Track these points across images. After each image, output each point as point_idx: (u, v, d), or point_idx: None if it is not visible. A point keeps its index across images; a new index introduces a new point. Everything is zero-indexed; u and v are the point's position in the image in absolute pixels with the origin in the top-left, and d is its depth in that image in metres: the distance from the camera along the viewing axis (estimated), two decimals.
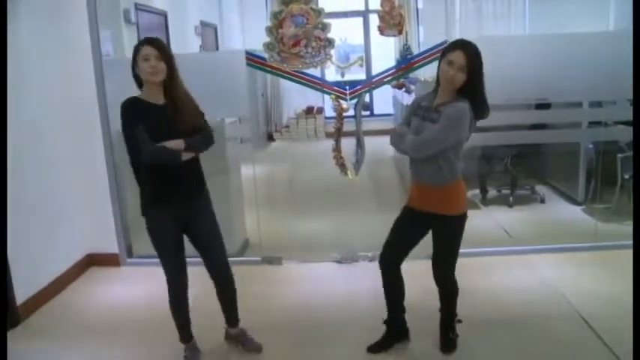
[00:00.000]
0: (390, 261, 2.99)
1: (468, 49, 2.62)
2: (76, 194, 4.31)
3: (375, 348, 3.10)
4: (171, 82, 2.68)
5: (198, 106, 2.82)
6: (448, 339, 3.05)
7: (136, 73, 2.68)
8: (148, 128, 2.61)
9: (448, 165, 2.73)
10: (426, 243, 2.97)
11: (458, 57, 2.59)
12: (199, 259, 2.96)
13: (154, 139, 2.61)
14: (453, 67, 2.60)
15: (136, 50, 2.65)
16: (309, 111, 10.66)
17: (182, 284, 2.92)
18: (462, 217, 2.86)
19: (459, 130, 2.68)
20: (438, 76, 2.74)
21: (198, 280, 3.03)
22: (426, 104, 2.79)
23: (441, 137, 2.67)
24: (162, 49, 2.64)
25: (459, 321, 3.10)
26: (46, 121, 4.02)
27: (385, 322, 3.12)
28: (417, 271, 3.10)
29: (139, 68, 2.64)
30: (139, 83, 2.72)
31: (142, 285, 4.12)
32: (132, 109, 2.67)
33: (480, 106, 2.70)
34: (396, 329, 3.13)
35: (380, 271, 3.01)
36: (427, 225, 2.88)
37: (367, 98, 5.08)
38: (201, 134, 2.74)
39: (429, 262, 2.95)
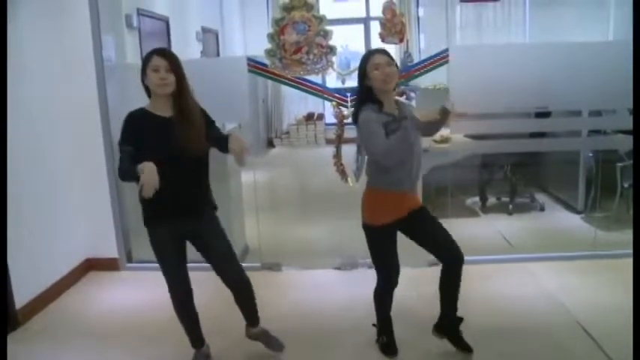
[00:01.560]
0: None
1: (381, 51, 2.83)
2: (76, 199, 4.31)
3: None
4: (180, 95, 2.62)
5: (208, 116, 2.77)
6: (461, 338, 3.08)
7: (145, 83, 2.64)
8: (150, 140, 2.57)
9: None
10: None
11: (379, 58, 2.76)
12: (204, 264, 2.90)
13: (155, 151, 2.54)
14: (383, 67, 2.73)
15: (146, 60, 2.60)
16: (309, 117, 10.67)
17: (184, 293, 2.88)
18: None
19: None
20: (364, 91, 2.82)
21: (205, 286, 3.02)
22: (389, 119, 2.77)
23: None
24: (172, 60, 2.60)
25: (461, 319, 3.11)
26: (48, 125, 4.03)
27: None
28: (419, 278, 3.11)
29: (147, 79, 2.61)
30: (149, 93, 2.68)
31: (142, 289, 4.11)
32: (133, 124, 2.63)
33: None
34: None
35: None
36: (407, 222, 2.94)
37: None
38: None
39: (430, 270, 2.96)
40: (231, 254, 2.90)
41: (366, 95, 2.82)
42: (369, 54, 2.84)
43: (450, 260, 2.95)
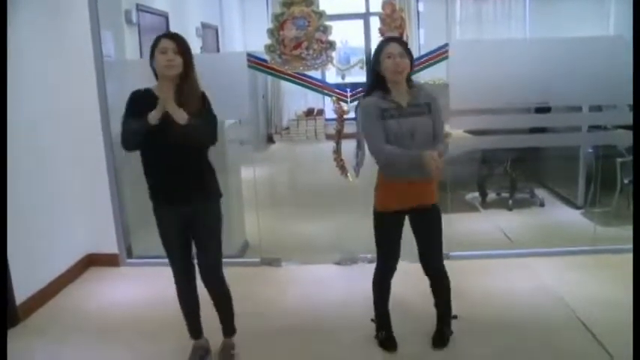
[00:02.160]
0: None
1: (397, 40, 2.85)
2: (76, 194, 4.31)
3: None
4: (185, 79, 2.63)
5: (208, 103, 2.76)
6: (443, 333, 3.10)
7: (153, 66, 2.64)
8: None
9: None
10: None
11: (393, 47, 2.75)
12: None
13: (154, 132, 2.57)
14: (395, 57, 2.72)
15: (155, 43, 2.62)
16: (309, 113, 10.66)
17: (186, 281, 2.90)
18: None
19: None
20: (376, 79, 2.82)
21: None
22: (392, 105, 2.78)
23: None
24: (180, 43, 2.61)
25: (454, 317, 3.13)
26: (47, 121, 4.02)
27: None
28: (415, 273, 3.11)
29: (155, 61, 2.61)
30: (157, 77, 2.68)
31: (142, 285, 4.12)
32: (136, 101, 2.67)
33: None
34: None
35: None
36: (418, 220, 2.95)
37: None
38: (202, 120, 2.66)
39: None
40: (216, 266, 2.89)
41: (376, 82, 2.83)
42: (385, 42, 2.84)
43: (430, 274, 3.03)
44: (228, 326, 3.07)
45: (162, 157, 2.67)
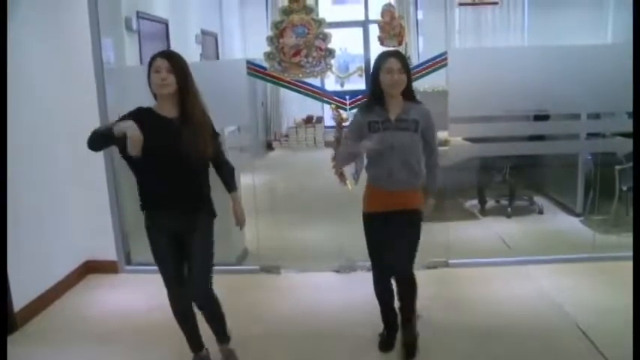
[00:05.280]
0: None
1: (398, 55, 2.89)
2: (74, 201, 4.31)
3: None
4: (184, 96, 2.62)
5: (212, 127, 2.77)
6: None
7: (151, 87, 2.64)
8: (152, 139, 2.55)
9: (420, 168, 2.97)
10: (421, 252, 2.99)
11: (393, 63, 2.82)
12: (220, 268, 2.90)
13: (157, 150, 2.55)
14: (394, 72, 2.81)
15: (150, 63, 2.62)
16: (308, 120, 10.67)
17: (180, 296, 2.85)
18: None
19: None
20: (374, 90, 2.91)
21: (215, 290, 2.95)
22: (380, 118, 2.88)
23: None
24: (174, 61, 2.60)
25: (418, 316, 3.17)
26: (46, 128, 4.03)
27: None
28: (418, 282, 3.11)
29: (151, 80, 2.61)
30: (156, 97, 2.68)
31: (141, 292, 4.11)
32: (133, 115, 2.62)
33: None
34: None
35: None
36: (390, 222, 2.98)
37: None
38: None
39: (427, 272, 2.97)
40: (204, 280, 2.82)
41: (374, 93, 2.92)
42: (385, 55, 2.90)
43: (396, 278, 3.05)
44: (223, 334, 3.02)
45: (163, 170, 2.63)
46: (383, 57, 2.89)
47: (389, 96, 2.88)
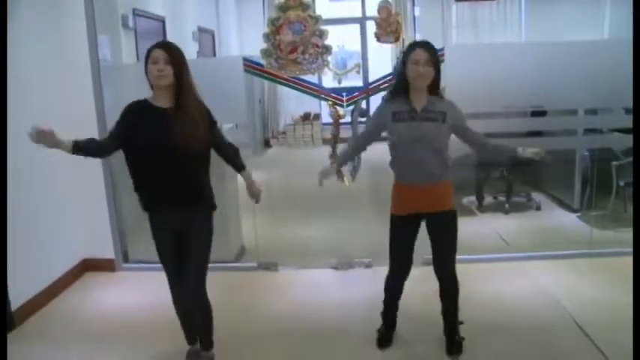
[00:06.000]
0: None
1: (426, 46, 2.80)
2: (72, 199, 4.30)
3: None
4: (180, 88, 2.62)
5: (211, 116, 2.76)
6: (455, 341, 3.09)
7: (147, 77, 2.64)
8: (145, 129, 2.59)
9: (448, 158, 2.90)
10: (422, 248, 2.99)
11: (420, 54, 2.75)
12: (218, 265, 2.89)
13: (150, 141, 2.58)
14: (420, 64, 2.73)
15: (147, 53, 2.62)
16: (305, 117, 10.67)
17: (177, 288, 2.87)
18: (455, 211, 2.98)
19: None
20: (400, 80, 2.86)
21: (213, 287, 2.96)
22: (405, 108, 2.83)
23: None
24: (172, 52, 2.60)
25: (461, 322, 3.13)
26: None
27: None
28: (416, 277, 3.11)
29: (148, 71, 2.61)
30: (152, 87, 2.68)
31: (138, 290, 4.11)
32: (129, 112, 2.66)
33: None
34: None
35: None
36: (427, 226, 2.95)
37: (364, 105, 5.10)
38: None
39: (426, 269, 2.97)
40: (199, 281, 2.82)
41: (401, 83, 2.85)
42: (413, 46, 2.83)
43: (439, 277, 3.03)
44: (208, 339, 2.98)
45: (158, 162, 2.63)
46: (411, 47, 2.82)
47: (414, 88, 2.81)
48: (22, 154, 3.74)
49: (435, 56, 2.78)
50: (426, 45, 2.81)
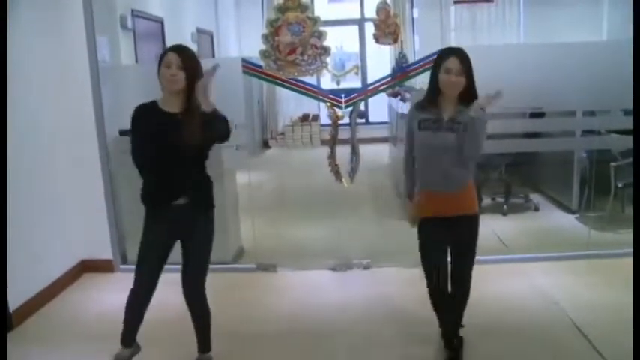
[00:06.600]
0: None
1: (460, 54, 2.73)
2: (70, 200, 4.30)
3: None
4: (190, 94, 2.60)
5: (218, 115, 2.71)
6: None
7: (159, 79, 2.63)
8: (151, 131, 2.59)
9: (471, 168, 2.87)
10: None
11: (453, 63, 2.69)
12: (216, 266, 2.88)
13: (154, 144, 2.58)
14: (452, 72, 2.68)
15: (162, 56, 2.61)
16: (304, 118, 10.68)
17: (146, 292, 2.82)
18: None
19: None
20: (431, 87, 2.79)
21: (212, 288, 2.96)
22: (432, 117, 2.78)
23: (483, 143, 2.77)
24: (185, 57, 2.59)
25: (462, 325, 3.13)
26: (42, 127, 4.02)
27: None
28: (416, 277, 3.12)
29: (160, 74, 2.60)
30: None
31: None
32: (139, 115, 2.66)
33: None
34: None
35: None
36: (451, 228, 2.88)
37: (363, 106, 5.10)
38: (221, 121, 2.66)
39: (420, 269, 2.97)
40: (200, 279, 2.82)
41: (431, 91, 2.80)
42: (446, 53, 2.76)
43: (454, 289, 2.98)
44: (206, 342, 2.96)
45: (163, 164, 2.64)
46: (444, 54, 2.75)
47: (444, 95, 2.76)
48: (22, 155, 3.75)
49: (467, 65, 2.71)
50: (459, 52, 2.74)
